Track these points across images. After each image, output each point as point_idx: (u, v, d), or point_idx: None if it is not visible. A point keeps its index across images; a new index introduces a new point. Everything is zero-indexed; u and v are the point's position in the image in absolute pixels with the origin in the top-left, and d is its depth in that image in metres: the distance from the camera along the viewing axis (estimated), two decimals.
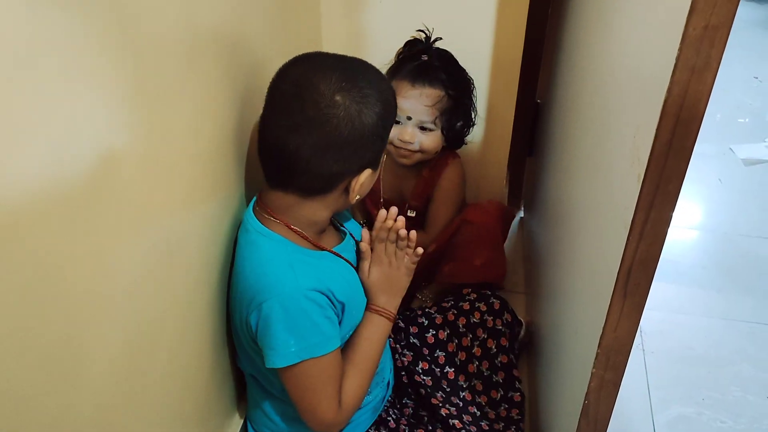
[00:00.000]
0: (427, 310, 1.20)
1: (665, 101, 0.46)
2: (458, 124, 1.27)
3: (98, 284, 0.59)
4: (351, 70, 0.84)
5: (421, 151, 1.25)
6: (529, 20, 1.31)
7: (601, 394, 0.64)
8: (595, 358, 0.61)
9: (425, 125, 1.23)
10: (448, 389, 1.12)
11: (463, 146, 1.34)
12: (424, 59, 1.23)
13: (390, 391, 1.12)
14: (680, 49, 0.45)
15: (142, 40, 0.62)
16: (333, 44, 1.36)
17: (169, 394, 0.78)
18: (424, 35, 1.28)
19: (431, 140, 1.25)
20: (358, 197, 0.91)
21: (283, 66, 0.86)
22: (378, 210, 1.11)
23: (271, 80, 0.86)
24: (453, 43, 1.29)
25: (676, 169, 0.48)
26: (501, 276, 1.35)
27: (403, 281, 1.01)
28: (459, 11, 1.31)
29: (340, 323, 0.91)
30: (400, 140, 1.23)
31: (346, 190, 0.89)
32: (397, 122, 1.22)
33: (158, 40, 0.65)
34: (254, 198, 0.93)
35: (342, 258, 0.97)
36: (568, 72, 1.14)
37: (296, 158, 0.82)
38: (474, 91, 1.31)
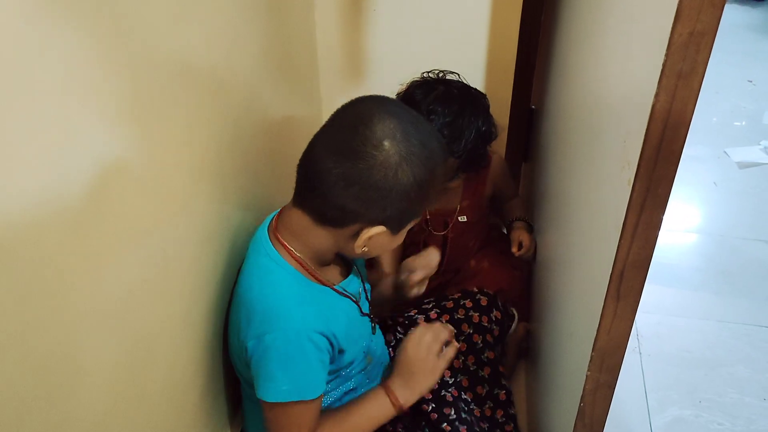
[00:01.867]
0: (406, 314, 1.20)
1: (653, 107, 0.47)
2: (478, 157, 1.27)
3: (94, 294, 0.59)
4: (413, 125, 0.83)
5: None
6: (522, 27, 1.32)
7: (596, 396, 0.64)
8: (590, 361, 0.62)
9: (447, 179, 1.26)
10: (435, 387, 1.12)
11: None
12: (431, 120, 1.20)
13: None
14: (666, 56, 0.46)
15: (137, 52, 0.63)
16: (328, 55, 1.37)
17: (165, 405, 0.78)
18: (429, 77, 1.27)
19: (458, 181, 1.32)
20: (365, 249, 0.87)
21: (357, 98, 0.87)
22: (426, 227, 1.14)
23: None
24: (447, 51, 1.31)
25: (666, 173, 0.49)
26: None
27: (428, 382, 0.96)
28: (453, 18, 1.32)
29: (332, 361, 0.91)
30: None
31: (356, 236, 0.86)
32: None
33: (153, 52, 0.66)
34: (273, 214, 0.93)
35: (345, 295, 0.95)
36: (561, 78, 1.15)
37: (322, 179, 0.81)
38: (484, 107, 1.27)
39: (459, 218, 1.38)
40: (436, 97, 1.22)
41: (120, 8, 0.59)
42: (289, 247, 0.88)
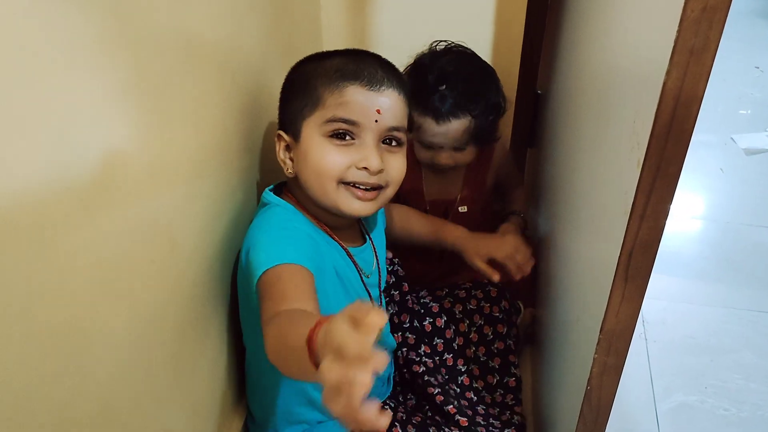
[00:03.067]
0: (422, 300, 1.21)
1: (664, 83, 0.46)
2: (490, 129, 1.26)
3: (101, 271, 0.59)
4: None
5: (458, 164, 1.27)
6: (528, 10, 1.31)
7: (603, 379, 0.64)
8: (597, 344, 0.61)
9: (458, 146, 1.23)
10: (447, 376, 1.13)
11: None
12: (441, 90, 1.18)
13: (391, 387, 1.12)
14: (678, 31, 0.45)
15: (140, 38, 0.63)
16: (332, 38, 1.37)
17: (173, 382, 0.78)
18: (429, 49, 1.26)
19: (467, 155, 1.26)
20: (289, 170, 0.89)
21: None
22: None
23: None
24: (452, 35, 1.29)
25: (677, 152, 0.49)
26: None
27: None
28: (459, 3, 1.31)
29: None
30: (437, 162, 1.25)
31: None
32: (430, 147, 1.24)
33: (156, 38, 0.66)
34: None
35: (350, 257, 0.94)
36: (567, 61, 1.14)
37: None
38: (495, 78, 1.27)
39: (459, 209, 1.36)
40: (449, 61, 1.22)
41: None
42: (291, 195, 0.90)
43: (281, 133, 0.89)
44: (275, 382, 0.96)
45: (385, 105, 0.84)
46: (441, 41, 1.27)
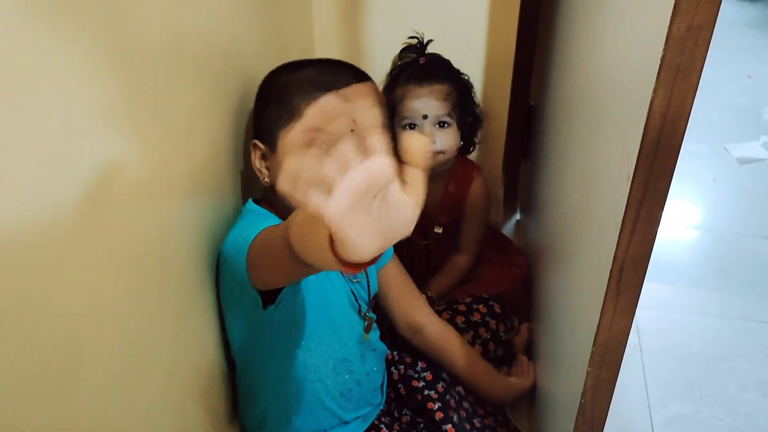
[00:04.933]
0: None
1: (652, 101, 0.47)
2: (469, 119, 1.29)
3: (92, 292, 0.59)
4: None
5: (442, 152, 1.24)
6: (520, 24, 1.32)
7: (597, 392, 0.64)
8: (590, 357, 0.62)
9: (442, 119, 1.23)
10: (445, 385, 1.13)
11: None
12: (421, 62, 1.25)
13: (384, 397, 1.11)
14: (665, 50, 0.46)
15: (132, 50, 0.63)
16: (325, 51, 1.37)
17: (164, 403, 0.78)
18: (417, 41, 1.30)
19: (450, 137, 1.25)
20: (265, 179, 0.89)
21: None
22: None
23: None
24: (445, 48, 1.30)
25: (665, 168, 0.49)
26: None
27: None
28: (451, 16, 1.32)
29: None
30: None
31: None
32: (412, 127, 1.23)
33: (148, 52, 0.66)
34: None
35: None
36: (559, 74, 1.15)
37: None
38: (473, 89, 1.33)
39: (435, 229, 1.36)
40: (434, 56, 1.29)
41: (116, 9, 0.59)
42: (272, 205, 0.90)
43: (257, 142, 0.89)
44: (266, 392, 0.96)
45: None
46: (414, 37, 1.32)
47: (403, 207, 0.44)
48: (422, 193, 0.45)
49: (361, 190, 0.40)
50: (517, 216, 1.74)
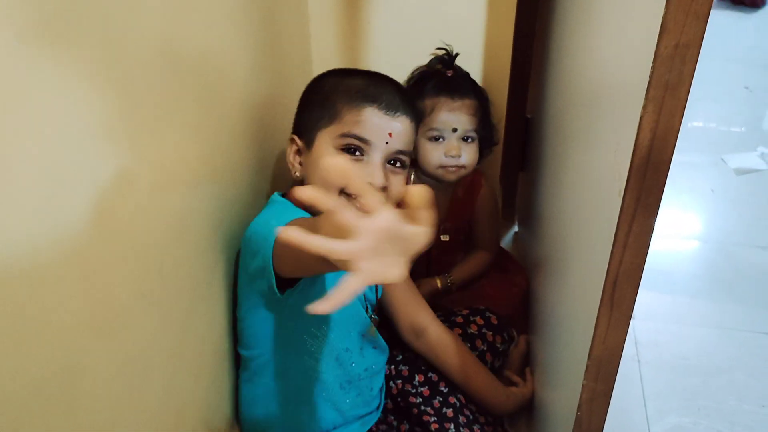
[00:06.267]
0: None
1: (641, 117, 0.48)
2: (489, 132, 1.31)
3: (92, 306, 0.60)
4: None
5: (464, 166, 1.26)
6: (516, 37, 1.33)
7: (593, 405, 0.64)
8: (586, 370, 0.62)
9: (469, 134, 1.25)
10: (441, 399, 1.13)
11: None
12: (449, 74, 1.26)
13: (382, 402, 1.12)
14: (653, 67, 0.46)
15: (128, 67, 0.63)
16: (324, 67, 1.38)
17: (164, 416, 0.78)
18: (445, 52, 1.31)
19: (474, 151, 1.27)
20: (296, 172, 0.94)
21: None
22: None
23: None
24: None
25: (656, 183, 0.50)
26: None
27: None
28: (447, 28, 1.33)
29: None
30: (448, 156, 1.24)
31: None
32: (438, 139, 1.24)
33: (144, 66, 0.67)
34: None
35: None
36: (555, 88, 1.15)
37: None
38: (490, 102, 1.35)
39: (441, 237, 1.37)
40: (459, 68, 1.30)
41: (110, 20, 0.60)
42: (296, 199, 0.92)
43: (295, 137, 0.95)
44: (269, 385, 0.97)
45: (397, 129, 0.91)
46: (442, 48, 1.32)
47: (416, 235, 0.48)
48: (431, 215, 0.48)
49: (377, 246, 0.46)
50: (515, 228, 1.75)
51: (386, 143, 0.90)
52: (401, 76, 1.32)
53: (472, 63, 1.36)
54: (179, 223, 0.78)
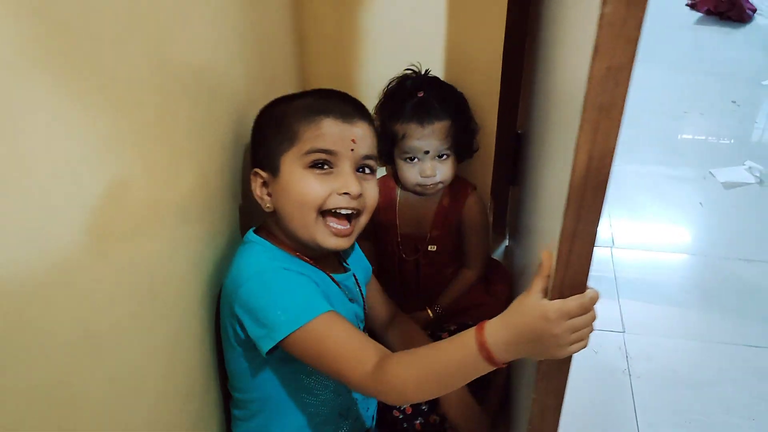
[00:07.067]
0: None
1: (578, 138, 0.49)
2: (467, 139, 1.31)
3: (82, 326, 0.60)
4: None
5: (441, 182, 1.28)
6: (506, 52, 1.33)
7: (543, 419, 0.65)
8: (535, 384, 0.63)
9: (443, 153, 1.26)
10: (423, 420, 1.13)
11: None
12: (420, 96, 1.25)
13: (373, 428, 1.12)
14: (587, 89, 0.48)
15: (120, 89, 0.64)
16: (316, 82, 1.39)
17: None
18: (413, 72, 1.31)
19: (449, 167, 1.28)
20: (267, 205, 0.92)
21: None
22: (398, 249, 1.10)
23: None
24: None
25: (594, 203, 0.51)
26: None
27: (541, 354, 0.69)
28: (437, 43, 1.33)
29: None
30: (423, 176, 1.26)
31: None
32: (413, 159, 1.26)
33: (135, 85, 0.67)
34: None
35: (336, 282, 0.96)
36: (540, 104, 1.17)
37: None
38: (467, 103, 1.33)
39: (429, 247, 1.37)
40: (421, 76, 1.30)
41: (102, 41, 0.61)
42: (272, 234, 0.93)
43: (258, 170, 0.93)
44: (265, 418, 0.96)
45: (358, 134, 0.90)
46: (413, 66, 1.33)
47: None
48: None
49: None
50: (507, 242, 1.76)
51: (351, 150, 0.89)
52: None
53: (462, 77, 1.36)
54: (170, 242, 0.79)
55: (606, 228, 1.95)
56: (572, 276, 0.55)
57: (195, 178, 0.85)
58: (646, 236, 1.94)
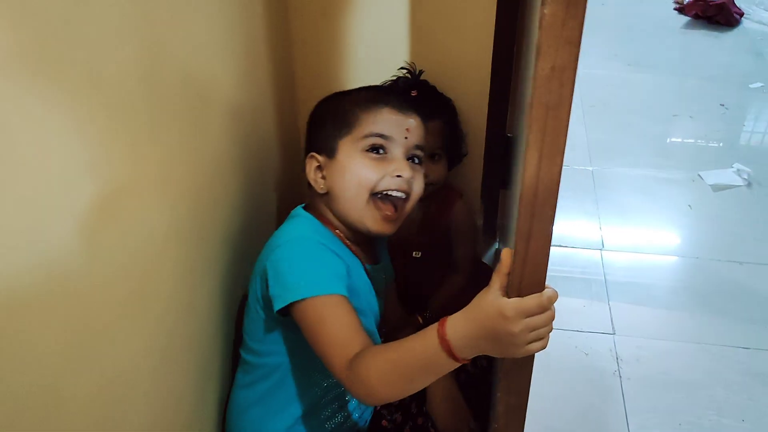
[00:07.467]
0: None
1: (527, 137, 0.50)
2: (457, 141, 1.32)
3: (72, 330, 0.61)
4: None
5: (432, 183, 1.26)
6: (494, 56, 1.34)
7: (509, 418, 0.65)
8: (498, 383, 0.63)
9: (435, 152, 1.26)
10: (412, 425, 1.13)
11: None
12: (413, 94, 1.26)
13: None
14: (533, 88, 0.49)
15: (110, 97, 0.65)
16: (307, 87, 1.40)
17: None
18: (407, 72, 1.31)
19: (441, 168, 1.28)
20: (321, 185, 0.98)
21: None
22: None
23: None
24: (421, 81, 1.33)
25: (547, 201, 0.52)
26: None
27: (499, 353, 0.69)
28: (427, 46, 1.33)
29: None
30: None
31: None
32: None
33: (125, 90, 0.68)
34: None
35: (368, 276, 1.00)
36: (521, 106, 1.17)
37: None
38: (455, 111, 1.35)
39: (414, 253, 1.37)
40: (410, 79, 1.31)
41: (91, 48, 0.61)
42: (319, 212, 0.99)
43: (314, 154, 0.99)
44: (274, 399, 0.99)
45: (412, 125, 0.98)
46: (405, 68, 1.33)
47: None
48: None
49: None
50: (497, 245, 1.76)
51: (405, 138, 0.97)
52: None
53: (452, 80, 1.36)
54: (161, 245, 0.79)
55: (596, 231, 1.96)
56: (530, 274, 0.56)
57: (186, 183, 0.86)
58: (635, 239, 1.95)
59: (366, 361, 0.75)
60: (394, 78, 1.32)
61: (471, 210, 1.43)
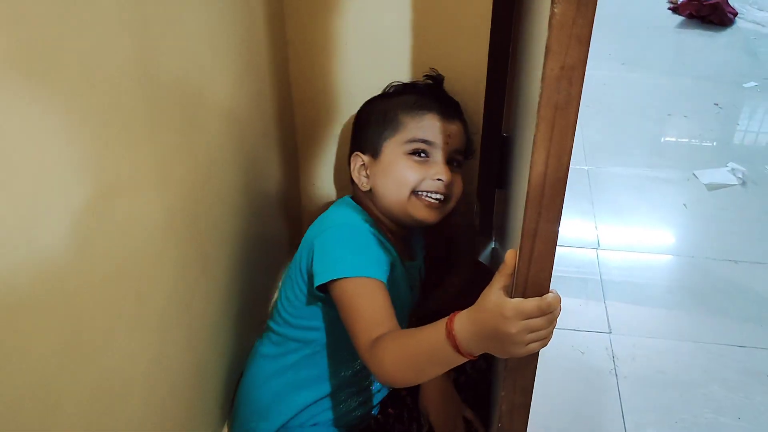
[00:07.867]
0: None
1: (534, 137, 0.50)
2: (472, 144, 1.31)
3: (67, 329, 0.61)
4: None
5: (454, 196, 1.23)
6: (490, 56, 1.34)
7: (513, 417, 0.65)
8: (503, 381, 0.63)
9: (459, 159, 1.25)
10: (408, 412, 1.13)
11: None
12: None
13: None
14: (542, 88, 0.49)
15: (104, 98, 0.64)
16: (303, 92, 1.40)
17: None
18: (428, 78, 1.29)
19: (459, 183, 1.25)
20: (364, 182, 1.04)
21: None
22: None
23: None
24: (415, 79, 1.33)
25: (554, 200, 0.52)
26: None
27: (500, 352, 0.70)
28: (423, 47, 1.34)
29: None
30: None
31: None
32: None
33: (120, 95, 0.68)
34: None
35: (404, 270, 1.03)
36: (520, 106, 1.17)
37: None
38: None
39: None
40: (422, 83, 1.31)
41: (85, 49, 0.61)
42: (364, 205, 1.06)
43: (359, 153, 1.06)
44: (296, 373, 1.02)
45: (454, 131, 1.05)
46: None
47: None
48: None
49: None
50: (493, 244, 1.76)
51: (446, 143, 1.03)
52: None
53: (447, 81, 1.36)
54: (157, 245, 0.79)
55: (591, 230, 1.96)
56: (534, 275, 0.56)
57: (182, 183, 0.86)
58: (631, 238, 1.95)
59: (385, 343, 0.78)
60: (416, 81, 1.31)
61: (468, 211, 1.42)
